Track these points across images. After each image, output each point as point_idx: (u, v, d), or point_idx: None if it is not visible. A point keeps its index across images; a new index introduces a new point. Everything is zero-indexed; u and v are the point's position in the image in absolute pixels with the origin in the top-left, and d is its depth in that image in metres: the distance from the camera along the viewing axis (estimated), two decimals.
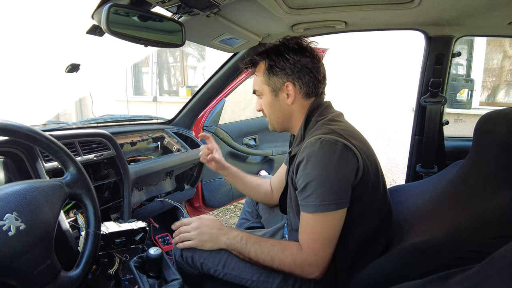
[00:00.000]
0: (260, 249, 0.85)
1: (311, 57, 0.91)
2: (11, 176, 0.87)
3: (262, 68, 0.94)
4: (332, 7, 1.07)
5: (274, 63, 0.91)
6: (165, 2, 0.87)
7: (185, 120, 1.83)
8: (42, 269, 0.62)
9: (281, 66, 0.90)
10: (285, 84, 0.91)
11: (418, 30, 1.34)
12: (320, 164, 0.78)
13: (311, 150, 0.79)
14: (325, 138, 0.79)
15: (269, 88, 0.94)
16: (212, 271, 0.92)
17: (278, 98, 0.94)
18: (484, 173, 0.74)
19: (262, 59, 0.95)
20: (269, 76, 0.93)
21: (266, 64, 0.93)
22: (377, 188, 0.85)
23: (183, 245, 0.94)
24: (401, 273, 0.75)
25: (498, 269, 0.41)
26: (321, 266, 0.80)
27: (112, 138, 1.22)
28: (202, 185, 1.95)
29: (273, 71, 0.92)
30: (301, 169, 0.80)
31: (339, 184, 0.78)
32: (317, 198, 0.77)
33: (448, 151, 1.47)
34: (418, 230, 0.81)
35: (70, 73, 1.29)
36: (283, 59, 0.90)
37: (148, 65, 5.52)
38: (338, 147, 0.78)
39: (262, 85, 0.95)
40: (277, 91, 0.93)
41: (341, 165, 0.78)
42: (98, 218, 0.76)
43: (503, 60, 3.55)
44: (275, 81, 0.92)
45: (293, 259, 0.81)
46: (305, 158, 0.80)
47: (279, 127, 1.00)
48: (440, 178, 1.00)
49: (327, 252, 0.80)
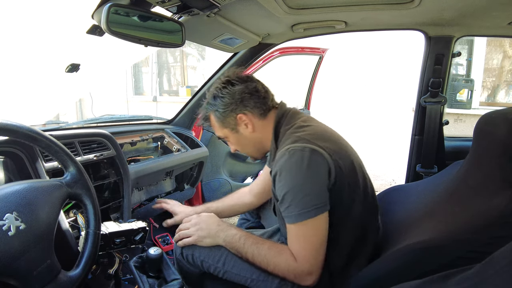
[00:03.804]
0: (257, 251, 0.86)
1: (241, 82, 0.95)
2: (11, 176, 0.87)
3: (213, 118, 1.00)
4: (332, 7, 1.07)
5: (217, 108, 0.96)
6: (165, 2, 0.87)
7: (185, 120, 1.83)
8: (42, 269, 0.62)
9: (223, 107, 0.95)
10: (237, 118, 0.95)
11: (418, 30, 1.34)
12: (292, 174, 0.79)
13: (281, 162, 0.81)
14: (292, 147, 0.81)
15: (228, 129, 0.98)
16: (212, 269, 0.92)
17: (240, 133, 0.98)
18: (484, 173, 0.74)
19: (208, 112, 1.00)
20: (222, 120, 0.97)
21: (212, 112, 0.98)
22: (355, 185, 0.86)
23: (183, 243, 0.95)
24: (401, 273, 0.74)
25: (498, 269, 0.41)
26: (314, 274, 0.81)
27: (112, 138, 1.22)
28: (202, 185, 1.95)
29: (221, 115, 0.96)
30: (277, 183, 0.82)
31: (314, 189, 0.79)
32: (296, 208, 0.78)
33: (448, 151, 1.47)
34: (418, 230, 0.81)
35: (70, 73, 1.29)
36: (221, 100, 0.95)
37: (148, 65, 5.53)
38: (306, 153, 0.79)
39: (222, 130, 1.00)
40: (236, 127, 0.97)
41: (312, 171, 0.79)
42: (98, 218, 0.76)
43: (503, 60, 3.55)
44: (228, 121, 0.97)
45: (287, 266, 0.82)
46: (277, 172, 0.82)
47: (258, 154, 1.04)
48: (440, 178, 1.00)
49: (317, 258, 0.81)
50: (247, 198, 1.25)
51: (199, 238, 0.93)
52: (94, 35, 1.01)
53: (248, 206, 1.26)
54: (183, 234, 0.96)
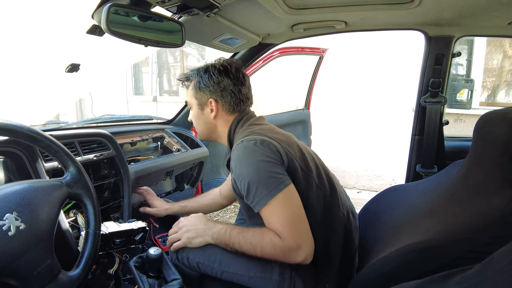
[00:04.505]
0: (243, 239, 0.87)
1: (234, 79, 1.00)
2: (11, 176, 0.87)
3: (193, 83, 1.04)
4: (332, 7, 1.08)
5: (201, 80, 1.01)
6: (165, 2, 0.87)
7: (185, 120, 1.82)
8: (42, 269, 0.62)
9: (206, 83, 1.00)
10: (208, 100, 1.01)
11: (418, 30, 1.34)
12: (248, 160, 0.86)
13: (236, 154, 0.88)
14: (245, 140, 0.89)
15: (196, 101, 1.04)
16: (209, 270, 0.92)
17: (203, 112, 1.04)
18: (484, 173, 0.74)
19: (194, 75, 1.04)
20: (197, 91, 1.02)
21: (195, 80, 1.03)
22: (308, 170, 0.92)
23: (173, 247, 0.96)
24: (401, 273, 0.74)
25: (498, 269, 0.41)
26: (303, 247, 0.81)
27: (112, 138, 1.22)
28: (202, 185, 1.95)
29: (199, 87, 1.02)
30: (238, 175, 0.87)
31: (273, 168, 0.84)
32: (264, 189, 0.82)
33: (448, 151, 1.47)
34: (417, 230, 0.81)
35: (70, 73, 1.29)
36: (208, 77, 1.00)
37: (148, 65, 5.52)
38: (258, 141, 0.87)
39: (191, 98, 1.05)
40: (203, 105, 1.03)
41: (265, 153, 0.85)
42: (98, 218, 0.76)
43: (503, 60, 3.55)
44: (201, 96, 1.02)
45: (273, 245, 0.82)
46: (235, 164, 0.88)
47: (204, 137, 1.10)
48: (440, 178, 1.00)
49: (300, 230, 0.82)
50: (218, 199, 1.32)
51: (188, 240, 0.94)
52: (94, 35, 1.01)
53: (219, 206, 1.35)
54: (173, 239, 0.97)
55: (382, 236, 0.95)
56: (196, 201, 1.32)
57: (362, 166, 3.83)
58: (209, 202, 1.32)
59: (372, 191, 3.73)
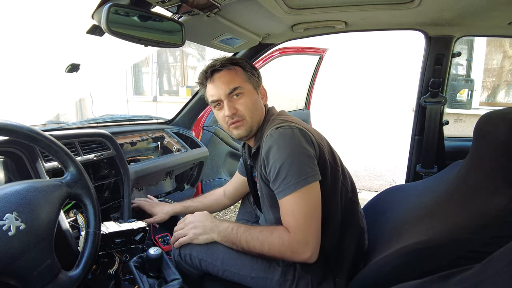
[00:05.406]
0: (250, 236, 0.87)
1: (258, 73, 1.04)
2: (11, 176, 0.87)
3: (240, 70, 0.99)
4: (332, 7, 1.07)
5: (250, 69, 1.00)
6: (165, 2, 0.87)
7: (185, 120, 1.83)
8: (42, 269, 0.62)
9: (254, 73, 1.01)
10: (261, 85, 1.02)
11: (418, 30, 1.34)
12: (284, 146, 0.84)
13: (272, 139, 0.86)
14: (281, 126, 0.87)
15: (252, 85, 0.99)
16: (211, 268, 0.92)
17: (259, 97, 1.01)
18: (484, 173, 0.74)
19: (233, 65, 0.99)
20: (250, 76, 0.99)
21: (241, 68, 0.99)
22: (335, 164, 0.93)
23: (179, 243, 0.96)
24: (401, 273, 0.75)
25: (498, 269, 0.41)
26: (310, 244, 0.81)
27: (112, 138, 1.22)
28: (202, 185, 1.95)
29: (250, 72, 1.00)
30: (270, 158, 0.85)
31: (306, 159, 0.83)
32: (293, 177, 0.81)
33: (448, 151, 1.47)
34: (418, 230, 0.81)
35: (70, 73, 1.29)
36: (253, 69, 1.02)
37: (148, 65, 5.52)
38: (295, 130, 0.86)
39: (244, 83, 0.97)
40: (257, 89, 1.01)
41: (301, 143, 0.85)
42: (98, 218, 0.76)
43: (503, 60, 3.55)
44: (255, 80, 1.00)
45: (281, 240, 0.82)
46: (269, 148, 0.86)
47: (255, 129, 0.99)
48: (440, 178, 1.00)
49: (311, 227, 0.82)
50: (222, 199, 1.32)
51: (195, 236, 0.93)
52: (94, 35, 1.01)
53: (223, 207, 1.34)
54: (179, 234, 0.96)
55: (382, 236, 0.95)
56: (199, 201, 1.31)
57: (362, 166, 3.83)
58: (212, 202, 1.32)
59: (372, 191, 3.72)
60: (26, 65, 3.87)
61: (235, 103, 0.96)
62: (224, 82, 0.96)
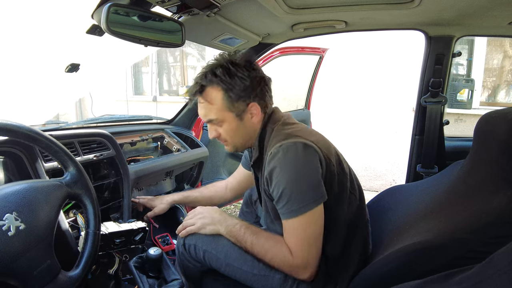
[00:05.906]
0: (256, 240, 0.87)
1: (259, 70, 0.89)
2: (11, 176, 0.87)
3: (219, 95, 0.85)
4: (332, 7, 1.08)
5: (232, 87, 0.84)
6: (165, 2, 0.87)
7: (185, 120, 1.83)
8: (42, 269, 0.62)
9: (240, 88, 0.84)
10: (249, 106, 0.87)
11: (418, 30, 1.34)
12: (288, 169, 0.79)
13: (276, 159, 0.81)
14: (285, 144, 0.81)
15: (233, 113, 0.87)
16: (214, 261, 0.92)
17: (243, 121, 0.89)
18: (484, 173, 0.74)
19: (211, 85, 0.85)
20: (231, 102, 0.85)
21: (221, 89, 0.85)
22: (343, 175, 0.89)
23: (186, 231, 0.96)
24: (401, 273, 0.74)
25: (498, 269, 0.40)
26: (309, 268, 0.82)
27: (112, 138, 1.22)
28: (202, 185, 1.95)
29: (235, 97, 0.85)
30: (273, 179, 0.82)
31: (311, 182, 0.80)
32: (295, 203, 0.79)
33: (448, 151, 1.47)
34: (418, 230, 0.81)
35: (70, 73, 1.29)
36: (240, 81, 0.84)
37: (148, 65, 5.52)
38: (299, 147, 0.80)
39: (222, 113, 0.87)
40: (241, 114, 0.88)
41: (306, 163, 0.80)
42: (98, 218, 0.76)
43: (504, 60, 3.55)
44: (238, 105, 0.86)
45: (283, 258, 0.83)
46: (273, 168, 0.81)
47: (242, 148, 0.96)
48: (440, 178, 1.00)
49: (313, 252, 0.82)
50: (223, 192, 1.30)
51: (203, 225, 0.94)
52: (94, 35, 1.01)
53: (224, 199, 1.30)
54: (187, 224, 0.97)
55: (382, 236, 0.95)
56: (199, 192, 1.32)
57: (362, 166, 3.83)
58: (212, 193, 1.31)
59: (372, 191, 3.72)
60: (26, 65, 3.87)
61: (217, 127, 0.92)
62: (201, 114, 0.91)
